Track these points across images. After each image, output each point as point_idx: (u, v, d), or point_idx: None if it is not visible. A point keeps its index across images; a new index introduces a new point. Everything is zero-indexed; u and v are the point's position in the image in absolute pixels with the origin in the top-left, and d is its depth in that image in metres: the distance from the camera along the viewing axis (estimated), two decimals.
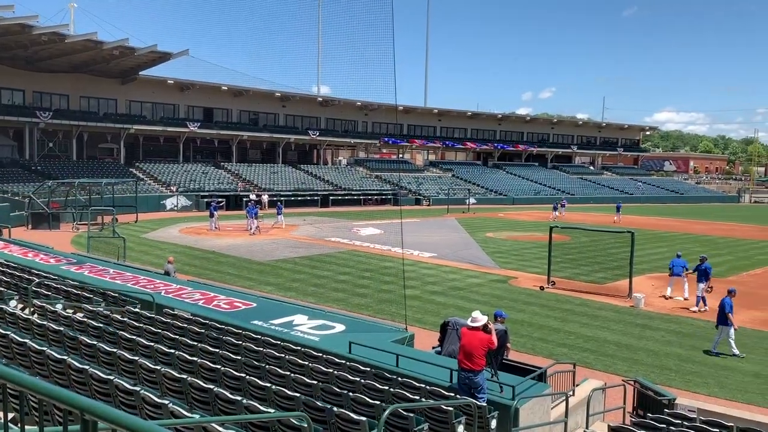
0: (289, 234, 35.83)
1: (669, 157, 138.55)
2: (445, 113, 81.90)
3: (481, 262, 27.28)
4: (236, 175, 59.27)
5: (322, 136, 69.41)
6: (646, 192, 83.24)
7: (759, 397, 12.14)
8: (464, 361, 8.14)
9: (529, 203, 68.52)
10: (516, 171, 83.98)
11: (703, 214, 61.17)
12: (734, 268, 27.47)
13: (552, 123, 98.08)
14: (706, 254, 21.48)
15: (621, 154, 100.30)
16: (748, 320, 18.21)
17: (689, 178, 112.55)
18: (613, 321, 17.75)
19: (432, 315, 17.36)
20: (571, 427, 8.98)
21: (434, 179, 73.73)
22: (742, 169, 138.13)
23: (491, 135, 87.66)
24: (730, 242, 37.49)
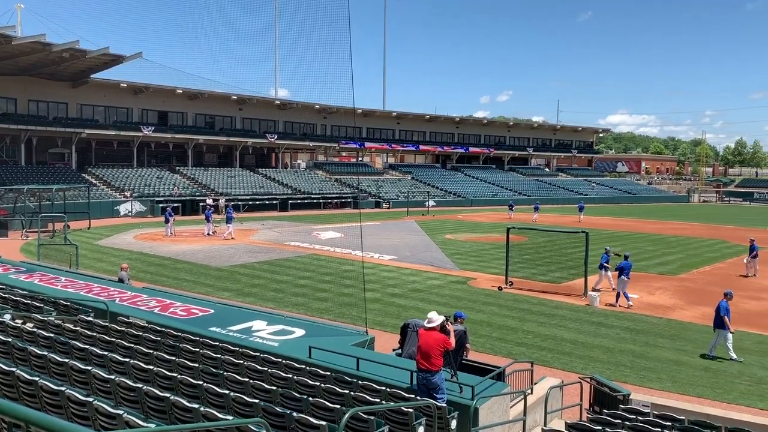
0: (247, 239, 35.43)
1: (622, 159, 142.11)
2: (404, 116, 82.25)
3: (441, 264, 27.48)
4: (192, 179, 58.33)
5: (281, 140, 68.87)
6: (600, 193, 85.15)
7: (708, 391, 12.55)
8: (422, 361, 8.19)
9: (487, 205, 69.31)
10: (474, 173, 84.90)
11: (654, 213, 62.92)
12: (685, 266, 28.33)
13: (508, 126, 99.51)
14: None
15: (575, 155, 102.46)
16: (698, 316, 18.80)
17: (641, 178, 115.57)
18: (570, 319, 18.10)
19: (393, 317, 17.40)
20: (530, 425, 9.11)
21: (394, 182, 73.95)
22: (691, 170, 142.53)
23: (449, 138, 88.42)
24: (681, 240, 38.65)
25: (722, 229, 47.25)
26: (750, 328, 17.44)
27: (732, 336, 14.73)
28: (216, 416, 5.84)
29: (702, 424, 8.77)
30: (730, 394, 12.36)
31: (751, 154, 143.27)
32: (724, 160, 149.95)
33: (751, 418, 10.27)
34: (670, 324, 17.86)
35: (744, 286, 23.78)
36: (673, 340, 16.16)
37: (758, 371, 13.83)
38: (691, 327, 17.57)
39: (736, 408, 11.45)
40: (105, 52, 45.41)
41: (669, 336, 16.58)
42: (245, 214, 47.76)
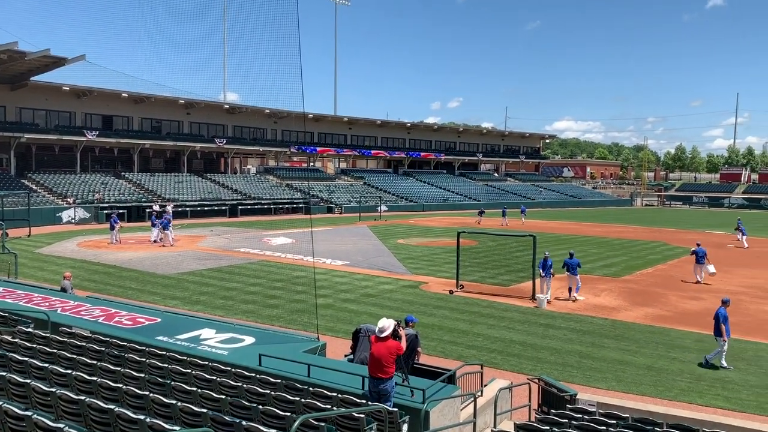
0: (195, 245, 34.78)
1: (567, 164, 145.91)
2: (356, 122, 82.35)
3: (393, 269, 27.57)
4: (138, 185, 56.91)
5: (230, 144, 67.92)
6: (547, 197, 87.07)
7: (651, 389, 12.94)
8: (374, 369, 8.19)
9: (438, 209, 70.01)
10: (425, 178, 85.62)
11: (599, 217, 64.68)
12: (629, 268, 29.21)
13: (459, 132, 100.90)
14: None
15: (523, 161, 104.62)
16: (641, 316, 19.41)
17: (586, 183, 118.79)
18: (519, 321, 18.42)
19: (345, 323, 17.35)
20: (480, 427, 9.22)
21: (346, 187, 73.89)
22: (634, 174, 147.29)
23: (401, 143, 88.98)
24: (625, 243, 39.84)
25: (663, 231, 48.95)
26: (690, 327, 18.09)
27: (725, 344, 14.55)
28: (163, 427, 5.71)
29: (645, 421, 9.05)
30: (671, 392, 12.78)
31: (690, 160, 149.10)
32: (665, 165, 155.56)
33: (691, 414, 10.64)
34: (615, 325, 18.37)
35: (685, 287, 24.68)
36: (618, 341, 16.62)
37: (697, 369, 14.33)
38: (635, 327, 18.12)
39: (677, 405, 11.85)
40: (46, 54, 43.91)
41: (614, 336, 17.04)
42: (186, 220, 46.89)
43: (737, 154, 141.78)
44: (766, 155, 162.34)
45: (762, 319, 19.36)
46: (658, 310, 20.36)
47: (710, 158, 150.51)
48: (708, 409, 11.64)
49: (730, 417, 10.92)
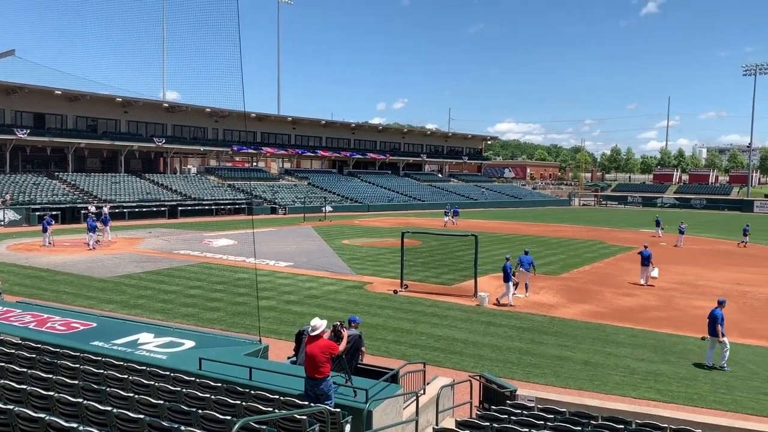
0: (133, 248, 33.79)
1: (508, 165, 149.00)
2: (300, 121, 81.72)
3: (338, 269, 27.51)
4: (73, 185, 54.86)
5: (169, 144, 66.26)
6: (489, 198, 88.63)
7: (588, 383, 13.35)
8: (309, 369, 8.17)
9: (383, 210, 70.23)
10: (370, 179, 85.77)
11: (539, 217, 66.30)
12: (566, 266, 30.05)
13: (403, 133, 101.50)
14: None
15: (466, 162, 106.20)
16: (578, 313, 20.00)
17: (526, 183, 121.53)
18: (461, 320, 18.69)
19: (288, 325, 17.21)
20: (422, 425, 9.31)
21: (290, 187, 73.25)
22: (571, 175, 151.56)
23: (346, 143, 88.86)
24: (563, 242, 40.97)
25: (600, 230, 50.58)
26: (624, 323, 18.75)
27: (720, 345, 14.86)
28: None
29: (581, 415, 9.34)
30: (606, 385, 13.22)
31: (625, 161, 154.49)
32: (602, 166, 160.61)
33: (625, 406, 11.03)
34: (554, 321, 18.87)
35: (619, 283, 25.57)
36: (557, 337, 17.08)
37: (631, 363, 14.88)
38: (573, 324, 18.66)
39: (612, 398, 12.26)
40: None
41: (552, 333, 17.50)
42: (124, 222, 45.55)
43: (669, 155, 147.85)
44: (695, 157, 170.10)
45: (691, 314, 20.24)
46: (594, 307, 21.03)
47: (644, 159, 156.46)
48: (641, 402, 12.08)
49: (661, 408, 11.38)
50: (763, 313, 20.55)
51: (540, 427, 8.07)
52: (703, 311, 20.53)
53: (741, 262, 32.50)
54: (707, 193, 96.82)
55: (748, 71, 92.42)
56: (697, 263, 31.71)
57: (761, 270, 29.93)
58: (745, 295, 23.39)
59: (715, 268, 30.35)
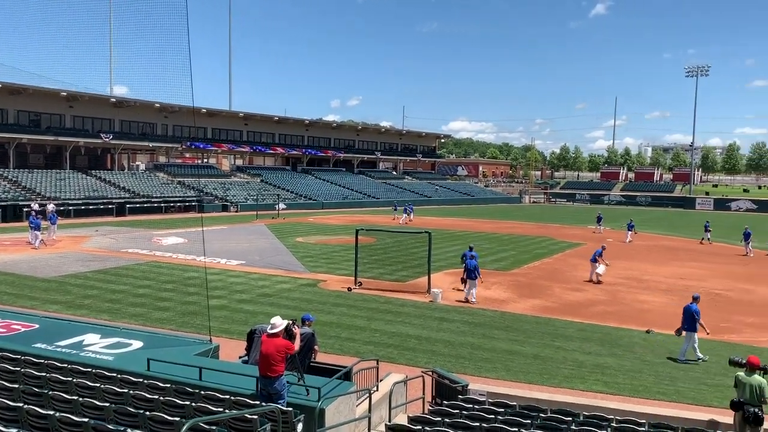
0: (79, 246, 32.77)
1: (462, 163, 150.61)
2: (252, 117, 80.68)
3: (291, 267, 27.29)
4: (15, 182, 52.82)
5: (117, 140, 64.47)
6: (443, 195, 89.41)
7: (538, 377, 13.61)
8: (263, 368, 8.09)
9: (338, 207, 70.02)
10: (324, 176, 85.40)
11: (491, 214, 67.24)
12: (517, 262, 30.57)
13: (357, 130, 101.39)
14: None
15: (420, 159, 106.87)
16: (528, 308, 20.38)
17: (479, 181, 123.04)
18: (415, 316, 18.80)
19: (240, 324, 16.99)
20: (375, 421, 9.33)
21: (242, 185, 72.25)
22: (522, 173, 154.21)
23: (299, 140, 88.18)
24: (514, 238, 41.65)
25: (549, 227, 51.62)
26: (573, 317, 19.21)
27: (698, 338, 15.31)
28: None
29: (531, 408, 9.52)
30: (555, 378, 13.51)
31: (574, 159, 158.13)
32: (551, 164, 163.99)
33: (573, 399, 11.30)
34: (505, 316, 19.18)
35: (568, 278, 26.16)
36: (507, 331, 17.36)
37: (579, 356, 15.25)
38: (523, 318, 19.00)
39: (561, 391, 12.53)
40: None
41: (504, 328, 17.79)
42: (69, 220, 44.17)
43: (616, 154, 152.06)
44: (641, 156, 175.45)
45: (636, 308, 20.89)
46: (543, 302, 21.46)
47: (592, 158, 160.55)
48: (589, 394, 12.39)
49: (608, 400, 11.68)
50: (704, 307, 21.23)
51: (491, 421, 8.18)
52: (647, 305, 21.28)
53: (684, 258, 33.67)
54: (652, 190, 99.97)
55: (691, 73, 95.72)
56: (643, 259, 32.69)
57: (703, 265, 31.07)
58: (688, 290, 24.15)
59: (659, 263, 31.36)
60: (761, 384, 9.62)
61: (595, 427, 8.44)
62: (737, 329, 18.01)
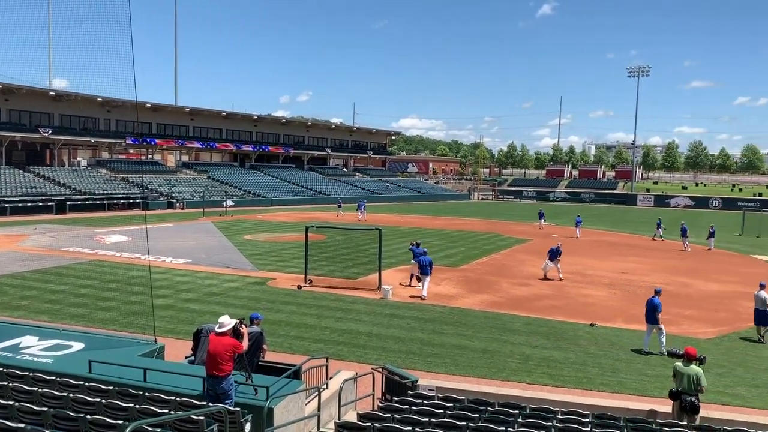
0: (15, 245, 31.49)
1: (412, 160, 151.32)
2: (199, 112, 79.12)
3: (239, 266, 26.91)
4: None
5: (57, 135, 62.18)
6: (393, 192, 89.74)
7: (486, 371, 13.83)
8: (210, 367, 7.96)
9: (287, 204, 69.41)
10: (274, 172, 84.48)
11: (441, 210, 67.87)
12: (466, 258, 30.95)
13: (307, 126, 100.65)
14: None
15: (371, 156, 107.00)
16: (477, 303, 20.66)
17: (429, 178, 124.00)
18: (365, 313, 18.81)
19: (186, 324, 16.67)
20: (325, 419, 9.29)
21: (188, 181, 70.77)
22: (471, 170, 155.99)
23: (248, 136, 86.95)
24: (463, 235, 42.16)
25: (497, 223, 52.46)
26: (519, 312, 19.57)
27: (657, 332, 15.73)
28: None
29: (479, 402, 9.65)
30: (503, 372, 13.75)
31: (521, 157, 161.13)
32: (499, 161, 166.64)
33: (520, 392, 11.52)
34: (454, 312, 19.39)
35: (515, 273, 26.65)
36: (456, 327, 17.56)
37: (526, 350, 15.55)
38: (472, 313, 19.25)
39: (508, 384, 12.77)
40: None
41: (452, 323, 17.98)
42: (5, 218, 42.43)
43: (561, 152, 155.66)
44: (585, 154, 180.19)
45: (580, 302, 21.44)
46: (491, 297, 21.80)
47: (538, 156, 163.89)
48: (535, 387, 12.67)
49: (554, 393, 11.98)
50: (644, 300, 22.02)
51: (439, 416, 8.26)
52: (591, 299, 21.87)
53: (626, 253, 34.75)
54: (595, 187, 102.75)
55: (632, 73, 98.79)
56: (586, 254, 33.58)
57: (644, 260, 32.14)
58: (629, 283, 25.04)
59: (602, 258, 32.28)
60: (698, 374, 10.02)
61: (541, 420, 8.63)
62: (675, 321, 18.70)
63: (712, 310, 20.45)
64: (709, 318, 19.41)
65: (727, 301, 21.82)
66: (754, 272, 27.83)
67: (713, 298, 22.77)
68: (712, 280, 26.19)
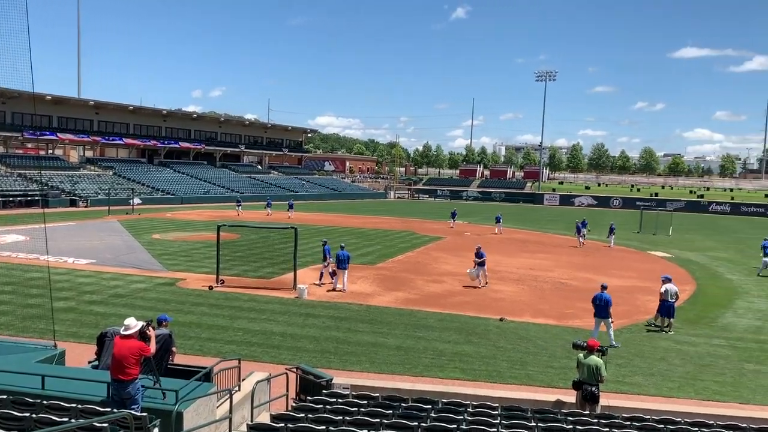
0: None
1: (329, 158, 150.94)
2: (104, 106, 75.52)
3: (147, 266, 25.92)
4: None
5: None
6: (310, 190, 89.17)
7: (400, 367, 13.99)
8: (115, 371, 7.63)
9: (199, 202, 67.50)
10: (184, 169, 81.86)
11: (357, 209, 68.06)
12: (382, 256, 31.21)
13: (220, 122, 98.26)
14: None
15: (286, 154, 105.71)
16: (392, 300, 20.88)
17: (346, 177, 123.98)
18: (280, 313, 18.59)
19: (90, 327, 15.88)
20: (237, 422, 9.11)
21: (92, 178, 67.39)
22: (387, 169, 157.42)
23: (156, 131, 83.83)
24: (379, 233, 42.47)
25: (413, 222, 53.21)
26: (433, 308, 19.93)
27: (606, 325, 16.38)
28: None
29: (393, 398, 9.77)
30: (417, 368, 13.96)
31: (435, 157, 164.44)
32: (415, 161, 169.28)
33: (433, 387, 11.76)
34: (370, 309, 19.50)
35: (429, 271, 27.13)
36: (372, 324, 17.67)
37: (439, 345, 15.86)
38: (387, 311, 19.43)
39: (422, 380, 12.99)
40: None
41: (368, 321, 18.08)
42: None
43: (473, 152, 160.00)
44: (496, 154, 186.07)
45: (491, 297, 22.10)
46: (406, 294, 22.09)
47: (452, 156, 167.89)
48: (447, 381, 12.95)
49: (465, 386, 12.30)
50: (551, 295, 23.04)
51: (354, 414, 8.29)
52: (501, 294, 22.59)
53: (534, 249, 36.14)
54: (505, 187, 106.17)
55: (540, 77, 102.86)
56: (496, 251, 34.61)
57: (550, 256, 33.53)
58: (536, 279, 26.06)
59: (511, 255, 33.40)
60: (598, 364, 10.57)
61: (453, 414, 8.83)
62: (579, 315, 19.63)
63: (613, 304, 21.59)
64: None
65: (627, 295, 23.11)
66: (650, 268, 29.69)
67: (613, 292, 23.95)
68: (612, 275, 27.66)
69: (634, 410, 10.31)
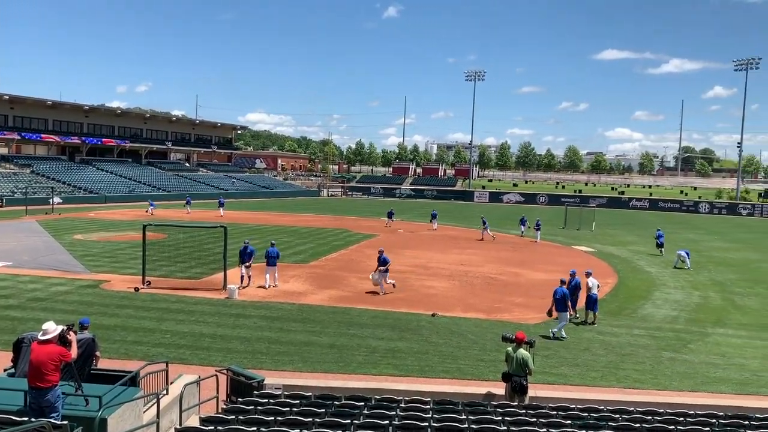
0: None
1: (260, 156, 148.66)
2: (20, 101, 71.73)
3: (69, 268, 24.84)
4: None
5: None
6: (240, 188, 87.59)
7: (334, 366, 13.97)
8: (33, 378, 7.28)
9: (123, 201, 65.14)
10: (107, 167, 78.80)
11: (290, 207, 67.40)
12: (315, 254, 31.04)
13: (145, 118, 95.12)
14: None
15: (215, 151, 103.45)
16: (325, 299, 20.81)
17: (278, 174, 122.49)
18: (209, 314, 18.19)
19: (6, 333, 15.08)
20: (165, 426, 8.85)
21: (8, 176, 63.91)
22: (320, 167, 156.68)
23: (78, 128, 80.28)
24: (312, 231, 42.22)
25: (346, 219, 53.18)
26: (366, 305, 19.99)
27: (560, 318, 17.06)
28: None
29: (326, 397, 9.74)
30: (350, 366, 13.97)
31: (368, 155, 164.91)
32: (348, 158, 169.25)
33: (366, 384, 11.80)
34: (302, 308, 19.37)
35: (363, 268, 27.14)
36: (305, 323, 17.56)
37: (373, 342, 15.93)
38: (320, 309, 19.35)
39: (355, 377, 13.01)
40: None
41: (301, 320, 17.95)
42: None
43: (406, 150, 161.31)
44: (428, 152, 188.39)
45: (423, 293, 22.37)
46: (340, 292, 22.07)
47: (385, 154, 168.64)
48: (380, 378, 13.03)
49: (398, 382, 12.42)
50: (481, 290, 23.54)
51: (286, 414, 8.22)
52: (433, 290, 22.91)
53: (464, 246, 36.81)
54: (437, 184, 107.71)
55: (470, 77, 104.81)
56: (428, 248, 35.12)
57: (479, 252, 34.25)
58: (467, 274, 26.56)
59: (443, 251, 33.92)
60: (524, 357, 10.90)
61: (385, 410, 8.90)
62: (508, 309, 20.16)
63: (539, 297, 22.21)
64: (537, 305, 21.06)
65: (552, 289, 23.92)
66: (574, 262, 30.72)
67: (540, 286, 24.79)
68: (538, 269, 28.54)
69: (560, 400, 10.68)
